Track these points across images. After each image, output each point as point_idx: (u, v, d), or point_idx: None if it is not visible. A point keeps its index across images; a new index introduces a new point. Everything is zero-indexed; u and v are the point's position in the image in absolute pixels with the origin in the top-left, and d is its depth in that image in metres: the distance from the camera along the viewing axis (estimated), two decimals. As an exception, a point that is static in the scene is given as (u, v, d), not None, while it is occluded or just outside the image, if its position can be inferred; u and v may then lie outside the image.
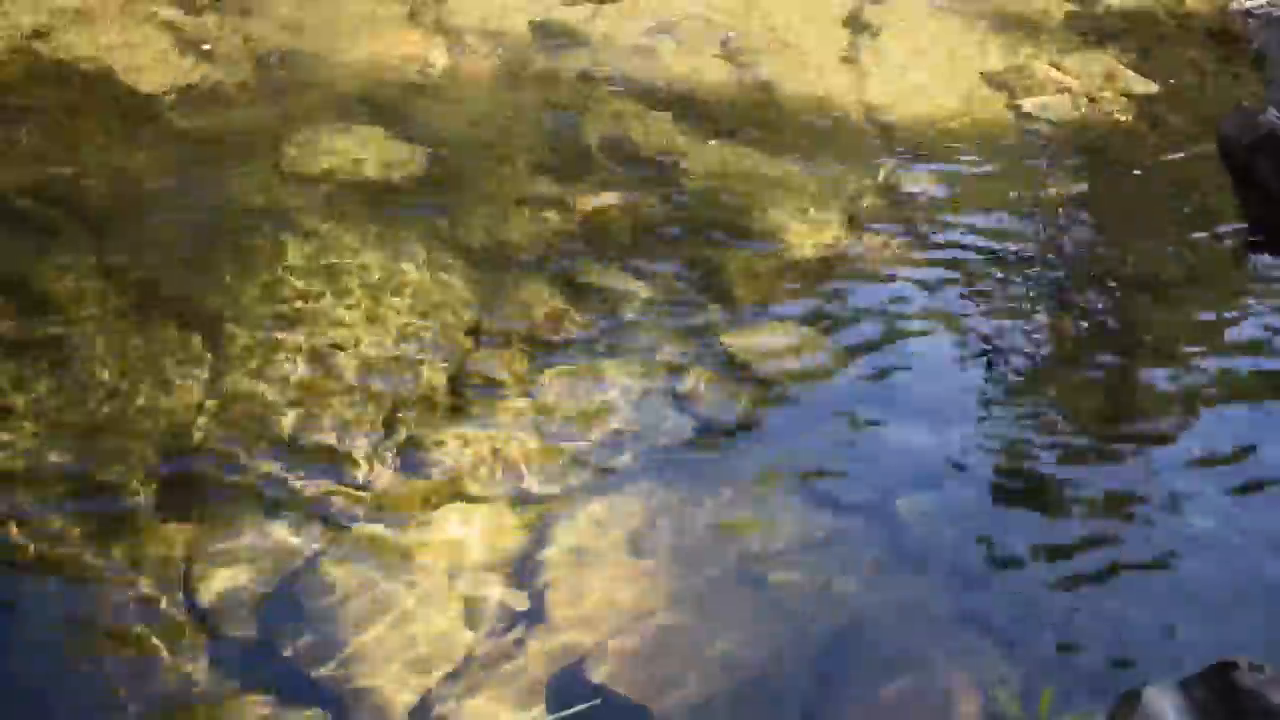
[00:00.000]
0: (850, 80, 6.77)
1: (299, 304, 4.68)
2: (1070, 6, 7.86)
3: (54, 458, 3.96)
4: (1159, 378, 4.76)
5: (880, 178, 5.89)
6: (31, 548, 3.68)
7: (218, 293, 4.70)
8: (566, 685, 3.40)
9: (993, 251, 5.40)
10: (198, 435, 4.10)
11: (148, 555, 3.69)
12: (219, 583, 3.63)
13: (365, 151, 5.65)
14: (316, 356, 4.46)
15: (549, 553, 3.80)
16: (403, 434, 4.18)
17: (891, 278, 5.17)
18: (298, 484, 3.97)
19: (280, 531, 3.79)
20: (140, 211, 5.13)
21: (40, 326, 4.46)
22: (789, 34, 7.19)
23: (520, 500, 3.99)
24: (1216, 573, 3.86)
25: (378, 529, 3.83)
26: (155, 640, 3.46)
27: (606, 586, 3.69)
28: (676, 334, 4.74)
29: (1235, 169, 5.99)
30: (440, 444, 4.15)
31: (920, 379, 4.62)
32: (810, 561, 3.79)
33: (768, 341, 4.72)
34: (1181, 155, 6.32)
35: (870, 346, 4.77)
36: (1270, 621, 3.68)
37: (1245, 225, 5.74)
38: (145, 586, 3.60)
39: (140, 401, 4.19)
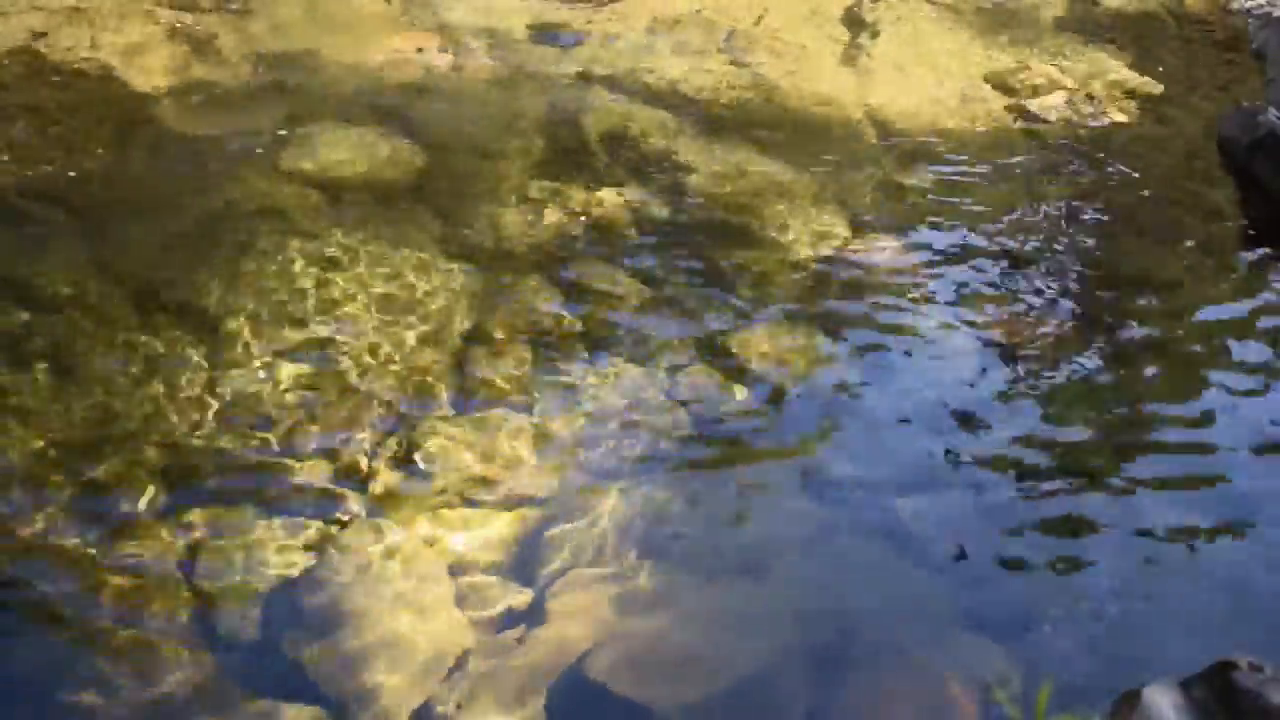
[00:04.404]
0: (850, 80, 6.77)
1: (298, 304, 4.68)
2: (1070, 6, 7.86)
3: (54, 457, 3.96)
4: (1159, 378, 4.76)
5: (880, 177, 5.89)
6: (32, 548, 3.68)
7: (218, 293, 4.70)
8: (567, 684, 3.40)
9: (993, 251, 5.40)
10: (198, 435, 4.10)
11: (148, 555, 3.69)
12: (219, 582, 3.63)
13: (365, 151, 5.65)
14: (316, 356, 4.46)
15: (549, 552, 3.80)
16: (402, 434, 4.18)
17: (891, 278, 5.17)
18: (298, 484, 3.97)
19: (280, 531, 3.79)
20: (140, 211, 5.13)
21: (40, 326, 4.46)
22: (789, 34, 7.19)
23: (520, 499, 3.99)
24: (1217, 574, 3.86)
25: (377, 528, 3.83)
26: (155, 640, 3.46)
27: (606, 585, 3.69)
28: (676, 334, 4.74)
29: (1235, 169, 6.00)
30: (440, 444, 4.15)
31: (920, 379, 4.62)
32: (810, 561, 3.79)
33: (768, 341, 4.72)
34: (1181, 155, 6.32)
35: (870, 346, 4.77)
36: (1270, 625, 3.68)
37: (1245, 225, 5.75)
38: (145, 586, 3.60)
39: (140, 401, 4.19)
